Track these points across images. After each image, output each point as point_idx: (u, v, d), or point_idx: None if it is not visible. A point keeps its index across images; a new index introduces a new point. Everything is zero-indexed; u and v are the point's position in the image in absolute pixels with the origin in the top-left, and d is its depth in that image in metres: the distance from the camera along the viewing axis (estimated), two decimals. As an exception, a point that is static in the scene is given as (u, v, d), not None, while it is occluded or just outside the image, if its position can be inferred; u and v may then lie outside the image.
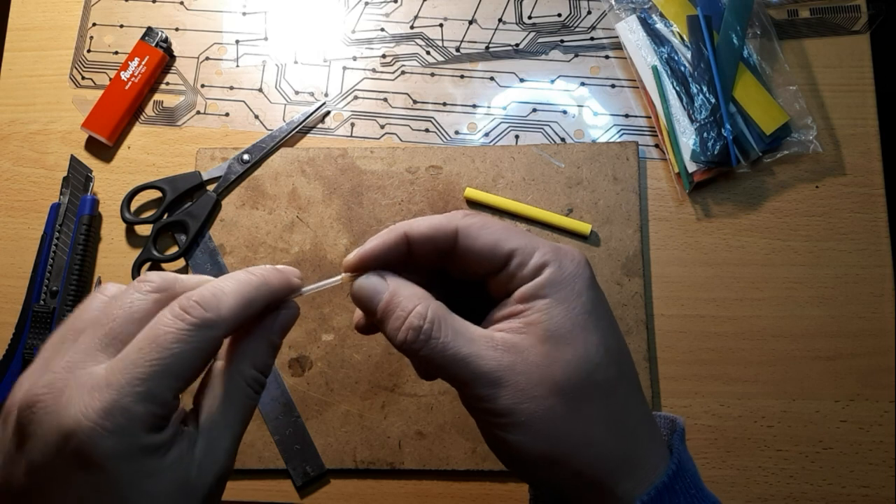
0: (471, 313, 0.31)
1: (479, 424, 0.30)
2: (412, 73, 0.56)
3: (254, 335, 0.30)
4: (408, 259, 0.31)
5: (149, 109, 0.57)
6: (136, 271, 0.52)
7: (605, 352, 0.29)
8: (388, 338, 0.30)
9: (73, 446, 0.24)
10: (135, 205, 0.54)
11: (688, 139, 0.51)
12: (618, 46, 0.55)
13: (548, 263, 0.30)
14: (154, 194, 0.54)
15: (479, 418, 0.30)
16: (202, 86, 0.57)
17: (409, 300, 0.30)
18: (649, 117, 0.54)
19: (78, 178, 0.54)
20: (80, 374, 0.26)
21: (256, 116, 0.56)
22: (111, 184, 0.55)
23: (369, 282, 0.30)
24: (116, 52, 0.58)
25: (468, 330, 0.29)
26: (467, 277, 0.32)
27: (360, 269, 0.31)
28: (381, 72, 0.56)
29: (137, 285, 0.28)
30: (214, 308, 0.27)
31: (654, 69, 0.53)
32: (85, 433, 0.24)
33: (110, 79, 0.56)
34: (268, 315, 0.30)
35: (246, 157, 0.53)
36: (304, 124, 0.55)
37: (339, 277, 0.31)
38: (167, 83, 0.57)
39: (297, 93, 0.56)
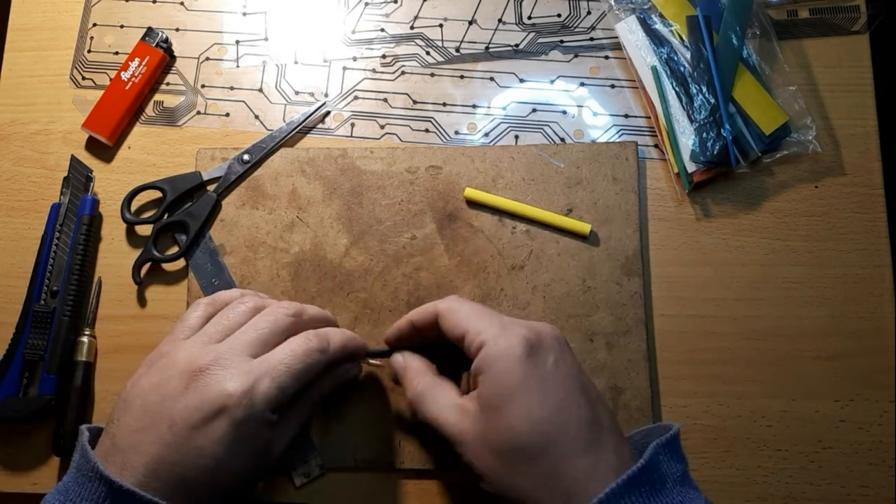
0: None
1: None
2: (412, 73, 0.56)
3: (327, 374, 0.43)
4: (417, 335, 0.44)
5: (149, 109, 0.57)
6: (136, 272, 0.52)
7: (527, 422, 0.35)
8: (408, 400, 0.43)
9: (225, 404, 0.37)
10: (135, 205, 0.54)
11: (687, 139, 0.51)
12: (617, 47, 0.55)
13: (484, 344, 0.37)
14: (154, 194, 0.54)
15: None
16: (202, 86, 0.57)
17: (415, 375, 0.42)
18: (649, 117, 0.54)
19: (78, 178, 0.54)
20: (239, 360, 0.38)
21: (257, 117, 0.56)
22: (111, 184, 0.55)
23: (395, 360, 0.45)
24: (117, 53, 0.58)
25: (446, 399, 0.40)
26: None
27: (391, 344, 0.46)
28: (381, 72, 0.57)
29: (282, 308, 0.42)
30: (327, 343, 0.41)
31: (654, 69, 0.53)
32: (236, 398, 0.37)
33: (111, 79, 0.56)
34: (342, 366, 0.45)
35: (246, 157, 0.54)
36: (304, 124, 0.55)
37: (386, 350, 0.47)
38: (167, 83, 0.57)
39: (297, 93, 0.57)
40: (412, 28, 0.57)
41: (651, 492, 0.34)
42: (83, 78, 0.58)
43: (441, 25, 0.57)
